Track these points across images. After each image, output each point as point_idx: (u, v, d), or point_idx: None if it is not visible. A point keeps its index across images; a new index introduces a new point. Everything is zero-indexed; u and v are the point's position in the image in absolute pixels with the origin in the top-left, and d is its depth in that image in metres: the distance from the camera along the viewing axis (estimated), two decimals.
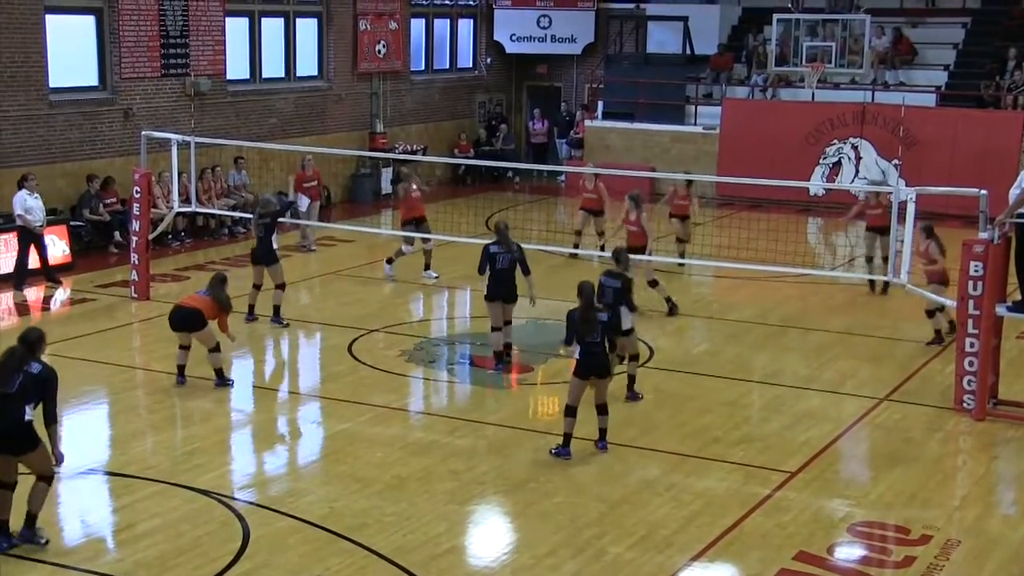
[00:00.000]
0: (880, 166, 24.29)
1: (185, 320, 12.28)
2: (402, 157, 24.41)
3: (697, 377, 13.08)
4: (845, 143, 24.61)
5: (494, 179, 27.91)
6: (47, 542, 8.61)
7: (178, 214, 18.33)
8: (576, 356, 10.55)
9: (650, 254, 15.47)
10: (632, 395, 12.18)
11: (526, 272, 13.07)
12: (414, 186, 17.24)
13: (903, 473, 10.49)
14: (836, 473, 10.66)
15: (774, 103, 26.05)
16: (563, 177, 27.34)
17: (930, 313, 13.90)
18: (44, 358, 8.75)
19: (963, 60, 25.79)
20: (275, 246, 15.03)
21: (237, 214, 20.17)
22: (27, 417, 8.31)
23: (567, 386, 11.18)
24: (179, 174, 17.30)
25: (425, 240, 17.29)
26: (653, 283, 15.65)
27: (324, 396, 12.44)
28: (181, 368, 12.42)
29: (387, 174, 25.39)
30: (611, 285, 11.94)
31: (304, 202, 19.46)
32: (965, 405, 11.99)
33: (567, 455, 10.50)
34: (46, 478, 8.59)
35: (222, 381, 12.41)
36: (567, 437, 10.56)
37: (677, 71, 26.99)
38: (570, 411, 10.54)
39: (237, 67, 22.36)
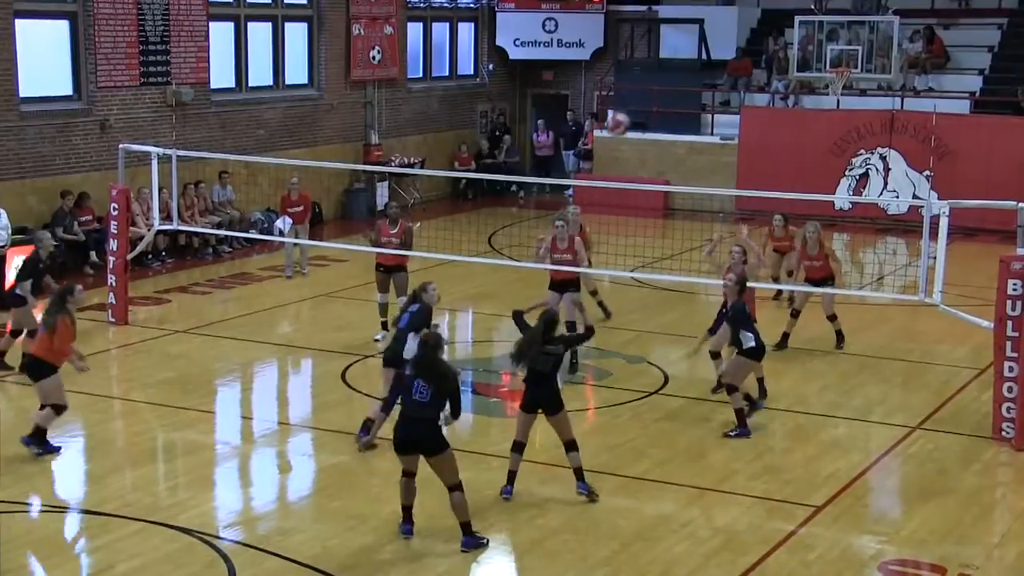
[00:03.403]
0: (910, 178, 24.33)
1: (27, 371, 11.32)
2: (399, 171, 24.48)
3: (714, 405, 13.07)
4: (873, 153, 24.65)
5: (497, 193, 27.98)
6: (485, 543, 9.45)
7: (159, 232, 18.38)
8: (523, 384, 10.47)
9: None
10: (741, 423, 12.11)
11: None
12: (393, 228, 15.03)
13: (938, 507, 10.49)
14: (865, 507, 10.66)
15: (796, 111, 26.11)
16: (571, 191, 27.38)
17: (730, 389, 12.38)
18: None
19: (999, 64, 25.84)
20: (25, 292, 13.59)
21: (222, 232, 20.23)
22: (439, 422, 9.20)
23: (574, 416, 11.22)
24: (160, 190, 17.32)
25: (399, 294, 15.10)
26: (832, 318, 15.32)
27: (316, 427, 12.44)
28: (36, 432, 11.18)
29: (383, 189, 25.45)
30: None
31: (288, 224, 19.18)
32: (1004, 434, 11.99)
33: (507, 494, 10.39)
34: (454, 487, 9.29)
35: (38, 446, 11.12)
36: (510, 475, 10.43)
37: (692, 77, 27.06)
38: (516, 446, 10.41)
39: (222, 75, 22.45)
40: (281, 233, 19.17)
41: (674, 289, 18.01)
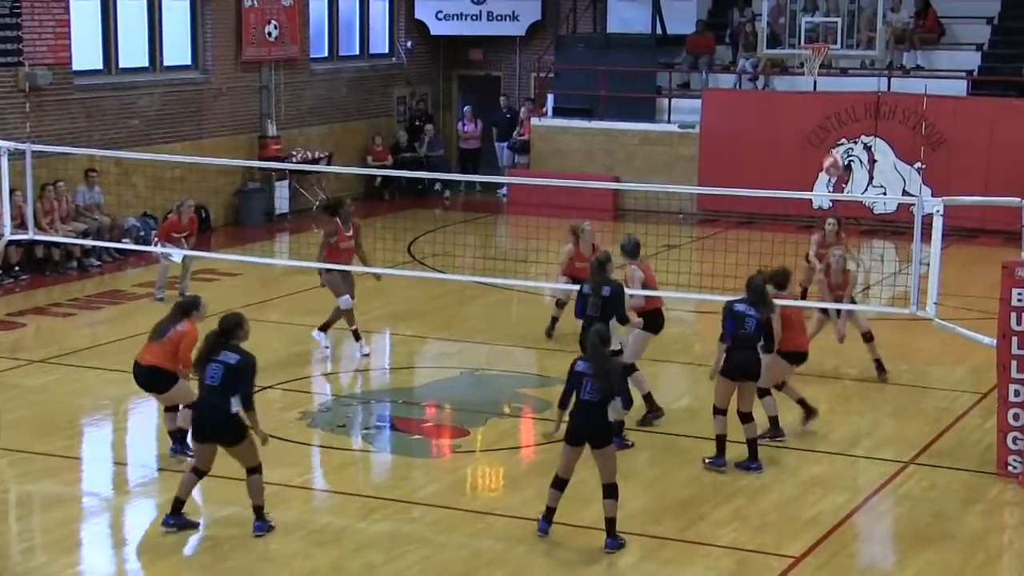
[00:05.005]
0: (899, 171, 24.60)
1: (145, 383, 12.12)
2: (301, 167, 24.34)
3: (676, 439, 13.12)
4: (856, 143, 24.92)
5: (418, 193, 27.94)
6: (272, 527, 10.62)
7: (10, 243, 18.13)
8: (566, 418, 10.64)
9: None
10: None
11: (622, 321, 12.75)
12: (349, 230, 15.82)
13: (936, 555, 10.58)
14: (852, 557, 10.74)
15: (767, 94, 26.34)
16: (504, 190, 27.42)
17: (760, 392, 12.83)
18: None
19: (999, 38, 26.19)
20: None
21: (89, 242, 19.99)
22: (233, 409, 10.36)
23: (512, 454, 11.24)
24: (11, 192, 17.11)
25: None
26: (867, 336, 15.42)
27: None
28: (173, 435, 12.41)
29: (282, 189, 25.32)
30: (753, 315, 12.18)
31: (177, 254, 18.71)
32: (1011, 469, 12.11)
33: (543, 531, 10.57)
34: (253, 469, 10.59)
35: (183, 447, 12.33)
36: (548, 512, 10.62)
37: (646, 56, 27.22)
38: (556, 482, 10.59)
39: (86, 55, 22.24)
40: (167, 256, 18.68)
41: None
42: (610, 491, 10.47)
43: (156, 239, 19.33)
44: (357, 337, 15.90)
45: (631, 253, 13.71)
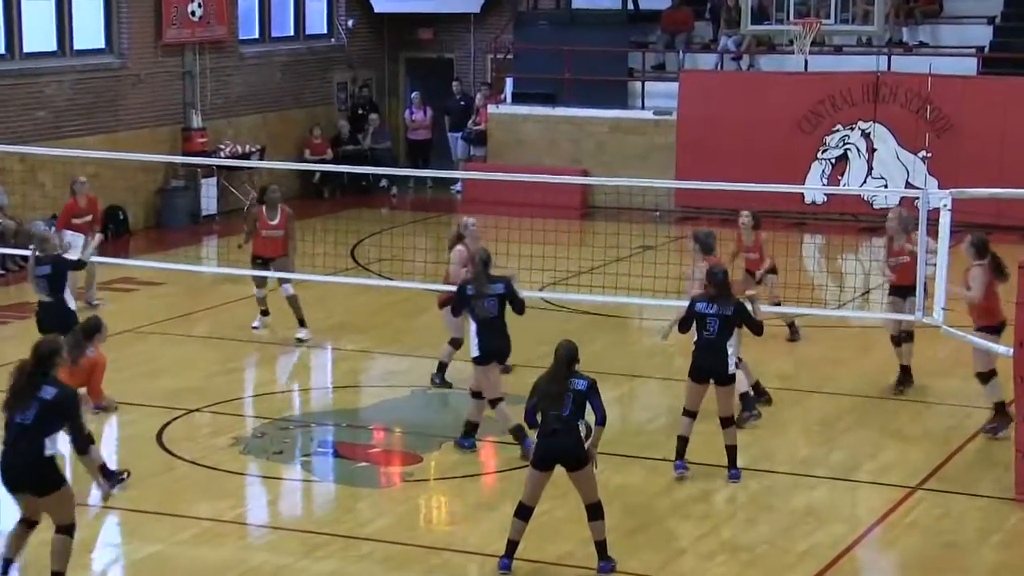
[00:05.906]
0: (901, 160, 24.70)
1: None
2: (230, 163, 24.26)
3: (655, 463, 13.12)
4: (852, 129, 25.02)
5: (362, 190, 27.91)
6: None
7: None
8: (535, 438, 10.72)
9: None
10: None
11: (519, 311, 13.28)
12: (274, 218, 17.02)
13: None
14: None
15: (752, 75, 26.43)
16: (458, 185, 27.41)
17: (984, 376, 13.63)
18: None
19: (1013, 10, 26.25)
20: (72, 304, 14.77)
21: None
22: (47, 452, 9.84)
23: (470, 483, 11.17)
24: None
25: (282, 282, 17.05)
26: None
27: (125, 507, 12.26)
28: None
29: (209, 186, 25.22)
30: (717, 313, 12.38)
31: (78, 241, 18.62)
32: None
33: (505, 568, 10.57)
34: (65, 528, 9.94)
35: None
36: (510, 545, 10.62)
37: (616, 34, 27.27)
38: (521, 511, 10.63)
39: None
40: (70, 246, 18.57)
41: (598, 312, 18.09)
42: (595, 512, 10.57)
43: (58, 229, 19.22)
44: (265, 313, 17.41)
45: (709, 248, 14.33)
